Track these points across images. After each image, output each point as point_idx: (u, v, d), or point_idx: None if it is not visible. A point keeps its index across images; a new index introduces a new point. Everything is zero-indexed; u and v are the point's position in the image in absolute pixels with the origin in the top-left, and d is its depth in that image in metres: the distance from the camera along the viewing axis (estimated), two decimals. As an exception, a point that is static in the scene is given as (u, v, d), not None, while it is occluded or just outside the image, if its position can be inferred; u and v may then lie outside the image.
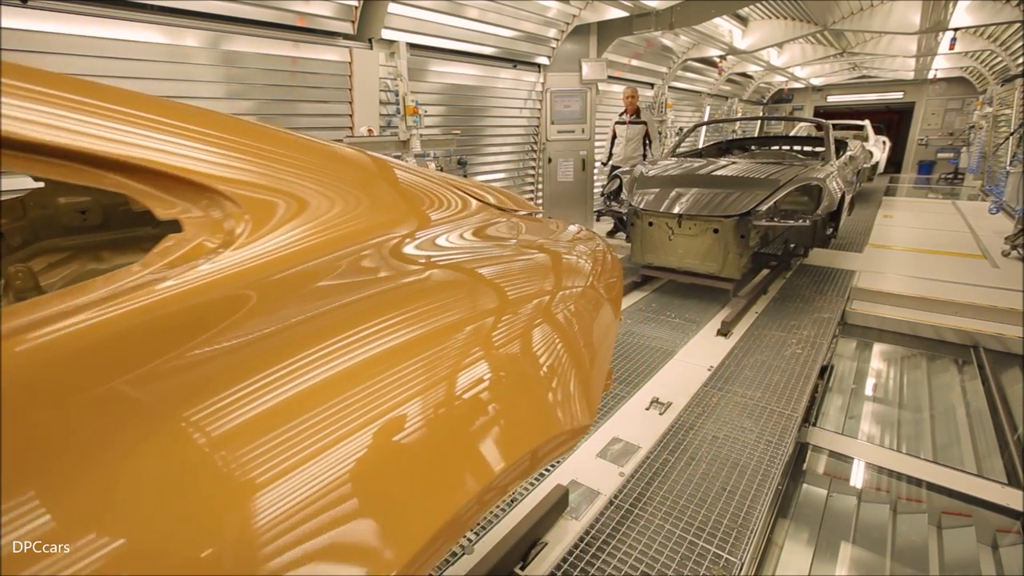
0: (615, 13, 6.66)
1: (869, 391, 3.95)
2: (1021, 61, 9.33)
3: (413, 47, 5.10)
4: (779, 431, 2.49)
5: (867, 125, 9.80)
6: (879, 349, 4.31)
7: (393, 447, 0.62)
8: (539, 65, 7.02)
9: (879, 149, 9.78)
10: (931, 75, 14.30)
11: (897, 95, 16.27)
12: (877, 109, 17.05)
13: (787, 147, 6.92)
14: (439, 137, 5.67)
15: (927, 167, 15.74)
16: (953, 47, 8.82)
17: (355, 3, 4.42)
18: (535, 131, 7.41)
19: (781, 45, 10.54)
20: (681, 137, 5.90)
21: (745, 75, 14.00)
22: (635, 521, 1.95)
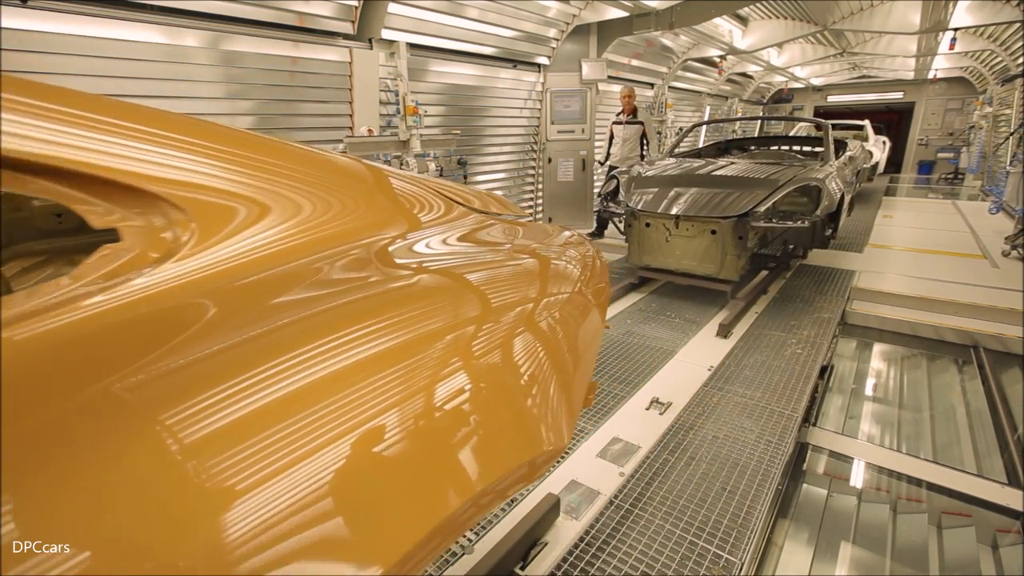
0: (615, 13, 6.67)
1: (869, 391, 3.95)
2: (1021, 61, 9.33)
3: (413, 47, 5.10)
4: (779, 431, 2.49)
5: (867, 125, 9.80)
6: (879, 349, 4.31)
7: (338, 488, 0.56)
8: (539, 65, 7.02)
9: (879, 149, 9.78)
10: (931, 75, 14.30)
11: (897, 95, 16.27)
12: (877, 109, 17.05)
13: (786, 147, 6.91)
14: (439, 137, 5.67)
15: (927, 167, 15.74)
16: (953, 47, 8.82)
17: (355, 3, 4.42)
18: (535, 131, 7.42)
19: (781, 45, 10.54)
20: (679, 137, 5.89)
21: (745, 75, 14.00)
22: (635, 521, 1.95)
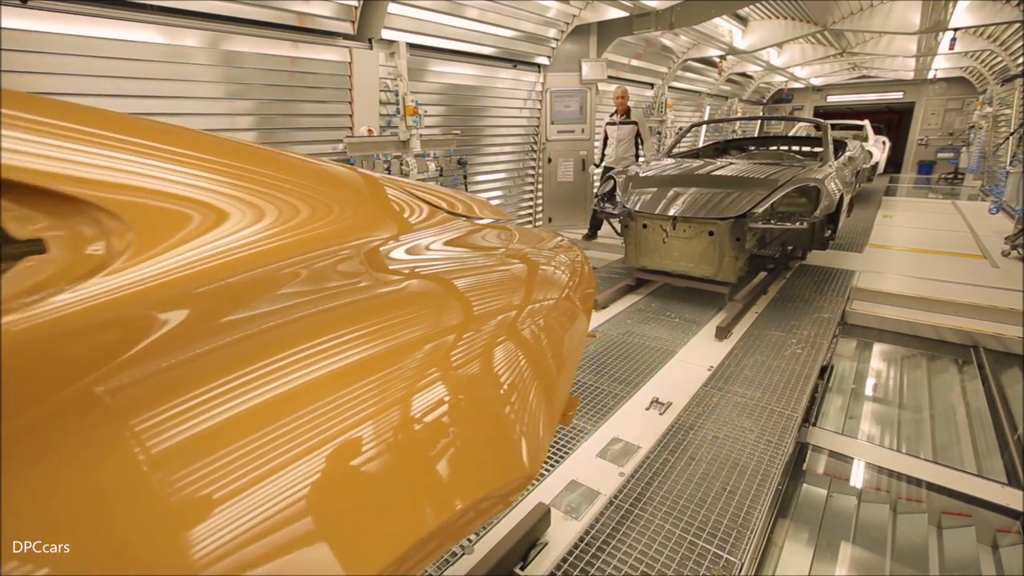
0: (615, 13, 6.67)
1: (869, 391, 3.95)
2: (1021, 61, 9.33)
3: (413, 47, 5.11)
4: (779, 431, 2.49)
5: (866, 125, 9.80)
6: (879, 349, 4.31)
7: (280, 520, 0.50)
8: (539, 65, 7.02)
9: (879, 149, 9.78)
10: (931, 75, 14.31)
11: (897, 95, 16.27)
12: (877, 109, 17.05)
13: (785, 147, 6.90)
14: (439, 137, 5.67)
15: (927, 167, 15.75)
16: (953, 47, 8.82)
17: (355, 3, 4.42)
18: (535, 131, 7.42)
19: (781, 45, 10.55)
20: (677, 137, 5.86)
21: (745, 75, 14.01)
22: (635, 521, 1.95)
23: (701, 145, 7.71)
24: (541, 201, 7.69)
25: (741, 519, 1.94)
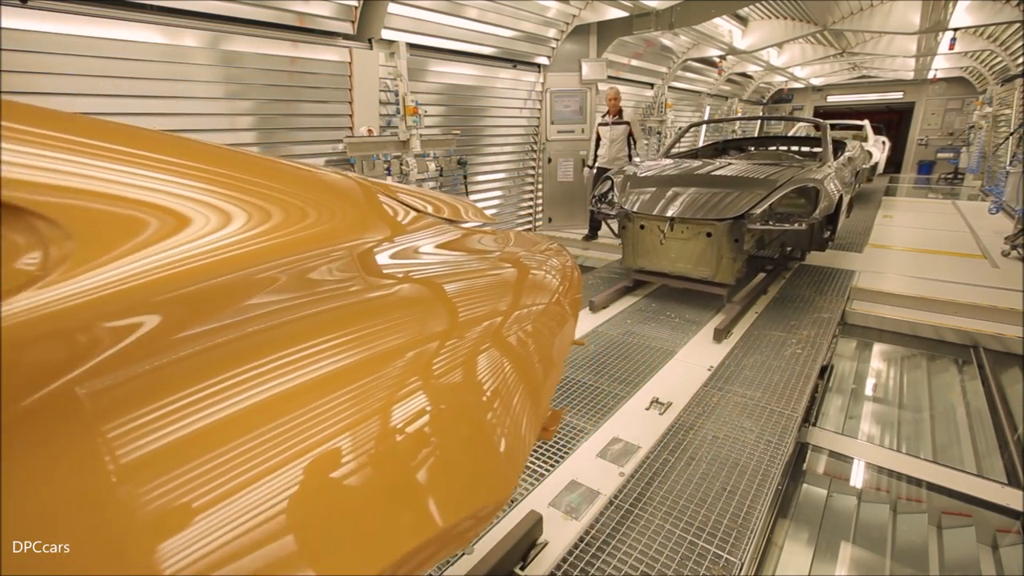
0: (615, 13, 6.67)
1: (869, 391, 3.95)
2: (1021, 61, 9.33)
3: (413, 47, 5.11)
4: (779, 431, 2.49)
5: (866, 125, 9.80)
6: (879, 349, 4.31)
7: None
8: (539, 65, 7.02)
9: (878, 149, 9.77)
10: (931, 75, 14.31)
11: (897, 95, 16.27)
12: (877, 109, 17.05)
13: (785, 147, 6.89)
14: (439, 137, 5.67)
15: (927, 167, 15.75)
16: (953, 47, 8.82)
17: (355, 3, 4.42)
18: (535, 131, 7.42)
19: (781, 45, 10.55)
20: (675, 138, 5.84)
21: (745, 75, 14.01)
22: (635, 521, 1.95)
23: (700, 145, 7.71)
24: (541, 201, 7.69)
25: (741, 519, 1.94)
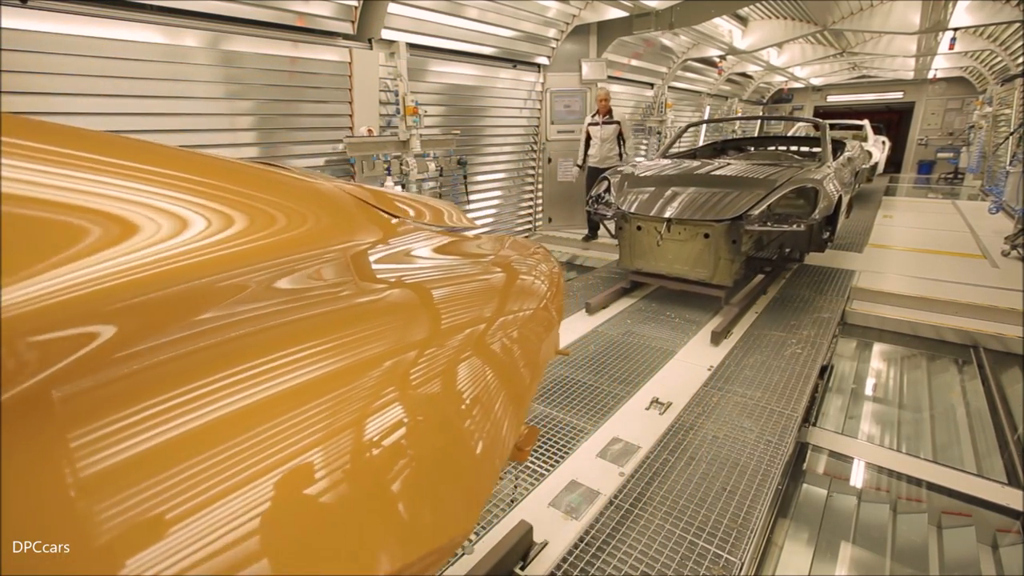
0: (615, 13, 6.67)
1: (869, 391, 3.94)
2: (1021, 61, 9.33)
3: (413, 47, 5.11)
4: (779, 431, 2.49)
5: (866, 125, 9.80)
6: (879, 349, 4.30)
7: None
8: (539, 65, 7.02)
9: (878, 149, 9.77)
10: (931, 75, 14.31)
11: (897, 95, 16.28)
12: (877, 109, 17.05)
13: (784, 148, 6.88)
14: (439, 137, 5.67)
15: (927, 167, 15.76)
16: (953, 47, 8.82)
17: (355, 3, 4.42)
18: (535, 131, 7.42)
19: (781, 45, 10.55)
20: (673, 138, 5.82)
21: (745, 75, 14.02)
22: (635, 521, 1.95)
23: (699, 145, 7.71)
24: (541, 201, 7.69)
25: (741, 519, 1.94)
